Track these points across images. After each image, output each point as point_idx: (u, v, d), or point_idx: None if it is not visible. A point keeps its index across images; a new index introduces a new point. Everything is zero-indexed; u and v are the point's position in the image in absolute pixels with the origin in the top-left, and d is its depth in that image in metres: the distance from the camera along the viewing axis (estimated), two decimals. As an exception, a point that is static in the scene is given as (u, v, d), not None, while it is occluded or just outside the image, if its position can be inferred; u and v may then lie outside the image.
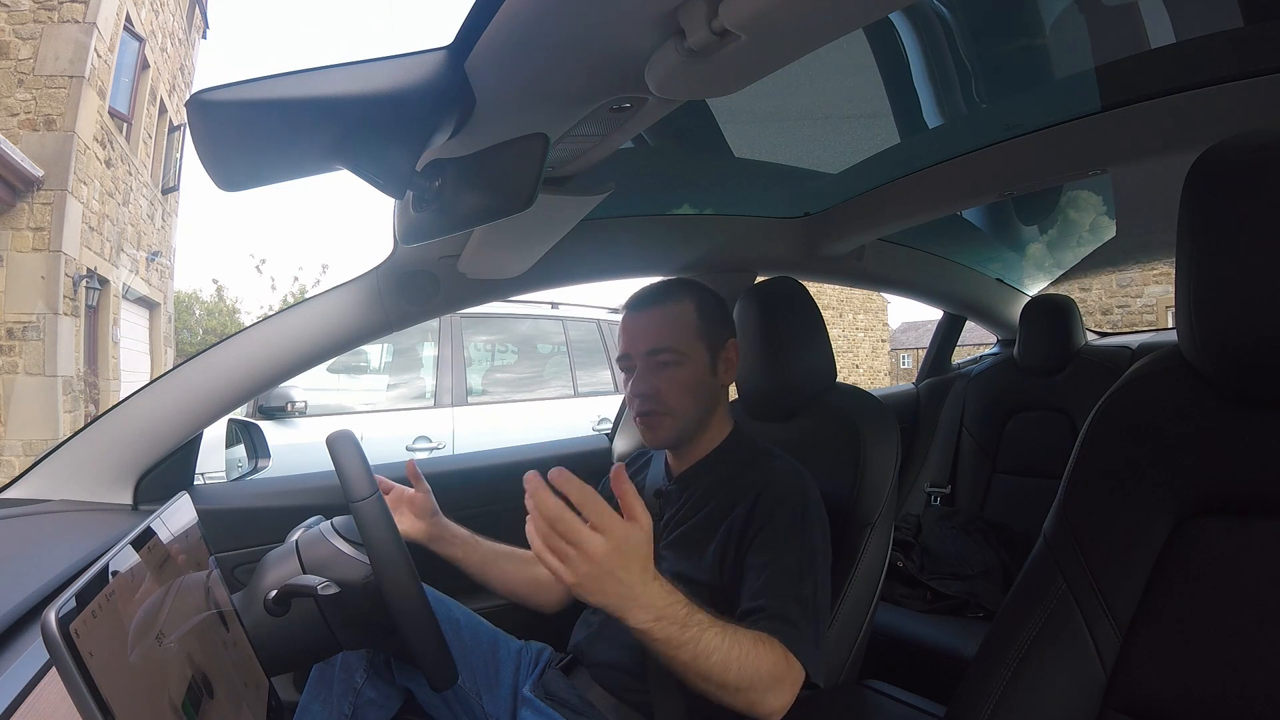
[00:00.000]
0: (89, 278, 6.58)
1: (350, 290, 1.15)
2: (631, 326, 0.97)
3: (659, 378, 0.94)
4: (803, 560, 0.84)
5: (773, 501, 0.88)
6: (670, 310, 0.96)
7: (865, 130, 1.28)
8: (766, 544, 0.85)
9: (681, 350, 0.94)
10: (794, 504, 0.88)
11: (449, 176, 0.68)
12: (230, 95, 0.52)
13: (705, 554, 0.91)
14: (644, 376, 0.95)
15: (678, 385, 0.94)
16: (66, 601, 0.43)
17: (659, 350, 0.94)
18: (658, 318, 0.96)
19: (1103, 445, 0.65)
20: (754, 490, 0.90)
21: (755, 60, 0.58)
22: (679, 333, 0.95)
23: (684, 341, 0.95)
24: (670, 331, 0.95)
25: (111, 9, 6.72)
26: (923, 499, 2.06)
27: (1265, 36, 0.91)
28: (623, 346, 0.98)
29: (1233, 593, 0.56)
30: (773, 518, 0.87)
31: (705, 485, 0.97)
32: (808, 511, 0.88)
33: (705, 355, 0.96)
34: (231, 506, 1.19)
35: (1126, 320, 11.34)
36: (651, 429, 0.96)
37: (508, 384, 3.84)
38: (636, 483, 1.09)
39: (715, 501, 0.94)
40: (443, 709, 1.00)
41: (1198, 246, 0.57)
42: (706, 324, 0.97)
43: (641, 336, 0.96)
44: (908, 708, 0.90)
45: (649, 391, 0.94)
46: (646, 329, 0.96)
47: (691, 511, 0.96)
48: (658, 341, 0.94)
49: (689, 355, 0.95)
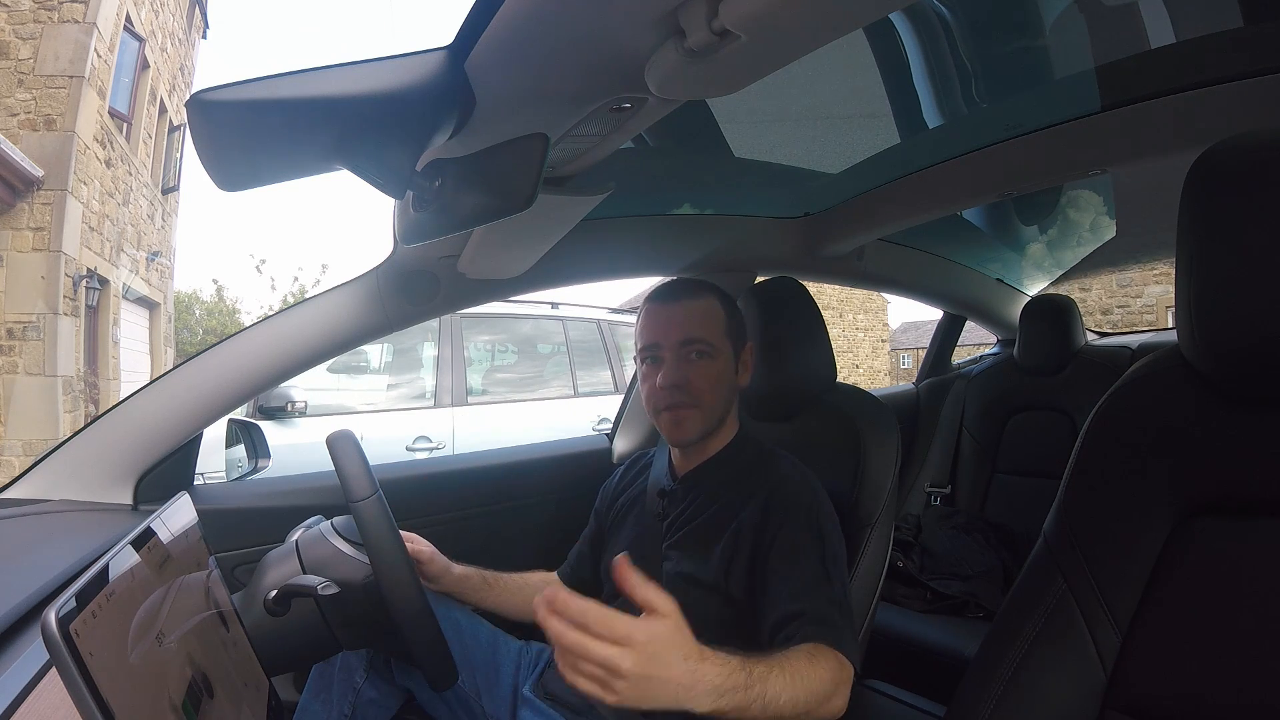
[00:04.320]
0: (89, 278, 6.58)
1: (350, 290, 1.15)
2: (663, 317, 0.95)
3: (691, 368, 0.93)
4: (827, 562, 0.83)
5: (785, 506, 0.87)
6: (702, 304, 0.95)
7: (865, 130, 1.28)
8: (788, 549, 0.84)
9: (714, 343, 0.94)
10: (808, 506, 0.87)
11: (449, 176, 0.68)
12: (230, 95, 0.52)
13: (712, 555, 0.90)
14: (675, 367, 0.93)
15: (709, 378, 0.93)
16: (66, 601, 0.43)
17: (693, 340, 0.93)
18: (691, 310, 0.95)
19: (1103, 445, 0.65)
20: (762, 493, 0.89)
21: (755, 60, 0.58)
22: (712, 326, 0.94)
23: (716, 335, 0.94)
24: (704, 324, 0.94)
25: (111, 9, 6.71)
26: (923, 499, 2.06)
27: (1265, 36, 0.91)
28: (650, 337, 0.96)
29: (1233, 593, 0.56)
30: (788, 522, 0.86)
31: (711, 485, 0.97)
32: (822, 513, 0.88)
33: (731, 353, 0.96)
34: (231, 506, 1.19)
35: (1126, 320, 11.34)
36: (679, 423, 0.94)
37: (508, 384, 3.84)
38: (639, 483, 1.09)
39: (721, 503, 0.93)
40: (443, 709, 1.00)
41: (1198, 246, 0.57)
42: (732, 324, 0.97)
43: (676, 326, 0.94)
44: (908, 708, 0.91)
45: (680, 382, 0.92)
46: (681, 319, 0.94)
47: (697, 512, 0.96)
48: (692, 332, 0.93)
49: (720, 350, 0.94)
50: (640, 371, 0.99)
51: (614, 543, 1.06)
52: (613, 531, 1.08)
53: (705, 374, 0.93)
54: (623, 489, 1.11)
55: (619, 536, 1.06)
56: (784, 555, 0.84)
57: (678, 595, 0.92)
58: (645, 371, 0.97)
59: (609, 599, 1.03)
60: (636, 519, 1.04)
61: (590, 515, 1.16)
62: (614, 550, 1.05)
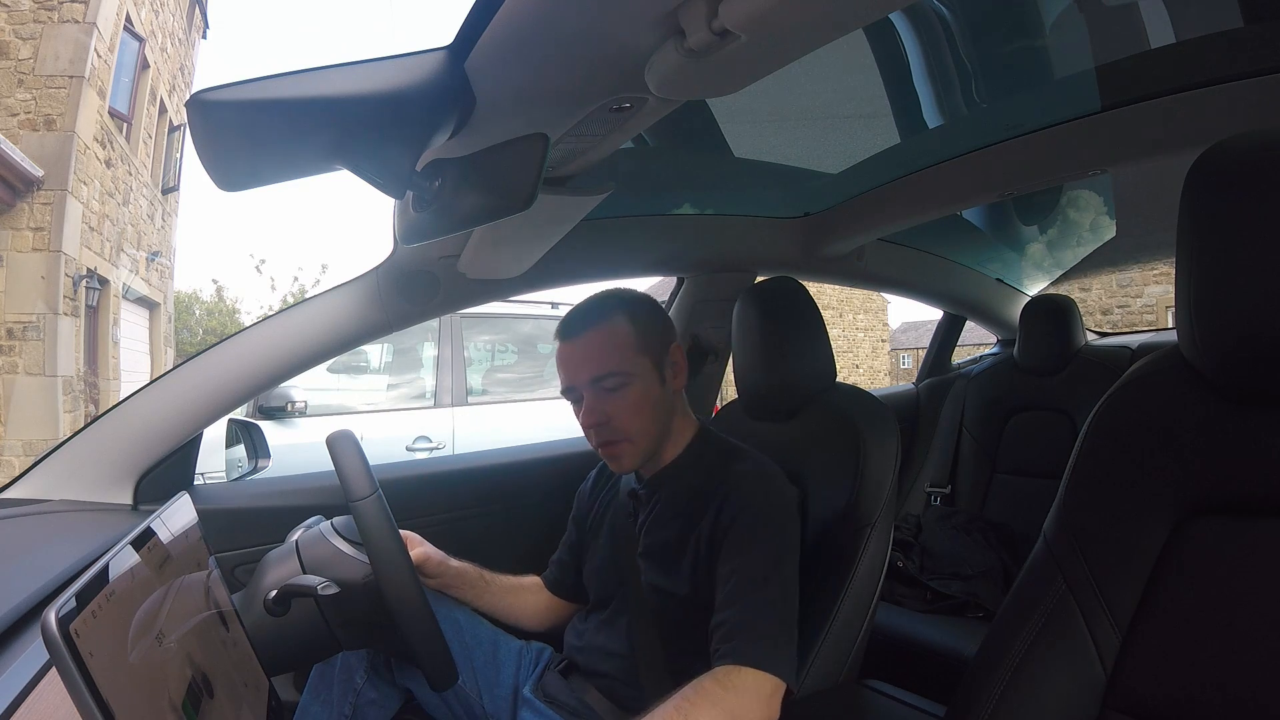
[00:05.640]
0: (89, 278, 6.58)
1: (350, 290, 1.15)
2: (569, 356, 0.93)
3: (609, 404, 0.91)
4: (768, 563, 0.82)
5: (737, 507, 0.86)
6: (604, 331, 0.92)
7: (865, 130, 1.28)
8: (731, 551, 0.84)
9: (626, 371, 0.90)
10: (758, 507, 0.86)
11: (449, 176, 0.68)
12: (230, 95, 0.52)
13: (680, 567, 0.90)
14: (593, 407, 0.91)
15: (629, 408, 0.91)
16: (66, 601, 0.43)
17: (602, 376, 0.90)
18: (592, 342, 0.92)
19: (1103, 445, 0.65)
20: (719, 497, 0.88)
21: (755, 60, 0.58)
22: (619, 353, 0.91)
23: (626, 361, 0.91)
24: (609, 354, 0.91)
25: (111, 9, 6.71)
26: (923, 499, 2.06)
27: (1265, 36, 0.91)
28: (565, 379, 0.94)
29: (1233, 592, 0.56)
30: (735, 524, 0.85)
31: (675, 490, 0.96)
32: (771, 513, 0.86)
33: (651, 368, 0.93)
34: (231, 506, 1.19)
35: (1126, 320, 11.34)
36: (615, 459, 0.94)
37: (508, 384, 3.84)
38: (610, 486, 1.10)
39: (685, 515, 0.92)
40: (443, 709, 1.00)
41: (1198, 246, 0.57)
42: (644, 336, 0.93)
43: (582, 365, 0.92)
44: (908, 708, 0.90)
45: (602, 420, 0.91)
46: (585, 356, 0.92)
47: (663, 518, 0.95)
48: (599, 368, 0.90)
49: (634, 374, 0.91)
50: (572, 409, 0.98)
51: (593, 549, 1.06)
52: (591, 536, 1.08)
53: (623, 406, 0.91)
54: (597, 494, 1.11)
55: (597, 543, 1.06)
56: (726, 558, 0.83)
57: (653, 607, 0.94)
58: (573, 410, 0.96)
59: (594, 608, 1.03)
60: (611, 525, 1.04)
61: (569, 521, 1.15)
62: (596, 557, 1.05)
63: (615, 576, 0.99)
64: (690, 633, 0.85)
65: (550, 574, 1.14)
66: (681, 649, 0.88)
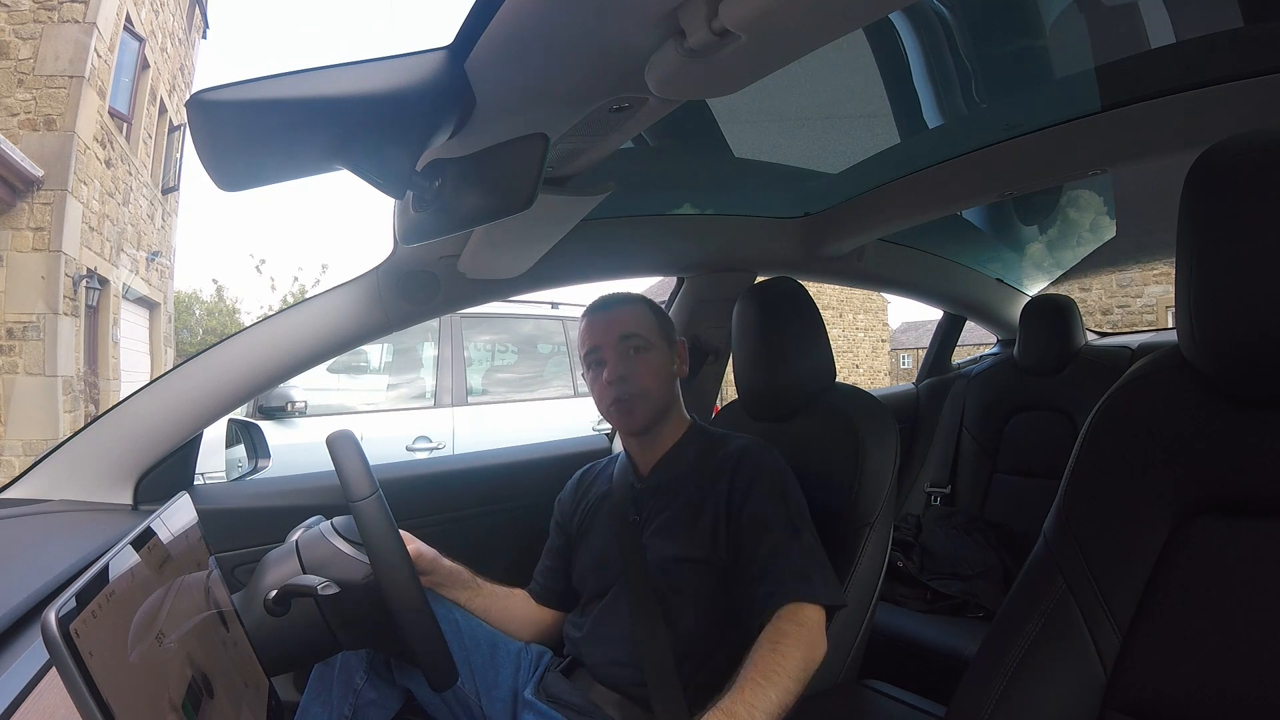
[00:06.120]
0: (89, 278, 6.58)
1: (350, 290, 1.15)
2: (599, 322, 1.05)
3: (631, 363, 1.02)
4: (793, 519, 0.92)
5: (750, 472, 0.96)
6: (633, 309, 1.06)
7: (865, 130, 1.28)
8: (758, 510, 0.93)
9: (649, 338, 1.04)
10: (770, 473, 0.96)
11: (449, 176, 0.68)
12: (230, 95, 0.52)
13: (696, 531, 0.96)
14: (618, 362, 1.02)
15: (649, 368, 1.02)
16: (66, 601, 0.43)
17: (629, 335, 1.02)
18: (624, 313, 1.05)
19: (1103, 445, 0.65)
20: (729, 465, 0.98)
21: (755, 60, 0.58)
22: (645, 324, 1.05)
23: (650, 332, 1.04)
24: (637, 322, 1.04)
25: (111, 9, 6.71)
26: (923, 499, 2.06)
27: (1265, 36, 0.91)
28: (591, 341, 1.04)
29: (1233, 593, 0.56)
30: (753, 491, 0.94)
31: (678, 473, 1.03)
32: (783, 473, 0.97)
33: (666, 348, 1.06)
34: (231, 506, 1.19)
35: (1126, 320, 11.34)
36: (628, 412, 1.02)
37: (508, 384, 3.84)
38: (597, 490, 1.11)
39: (693, 484, 0.99)
40: (442, 709, 1.00)
41: (1198, 246, 0.57)
42: (661, 324, 1.07)
43: (613, 326, 1.03)
44: (908, 707, 0.90)
45: (624, 374, 1.01)
46: (616, 320, 1.04)
47: (670, 499, 1.00)
48: (628, 328, 1.03)
49: (655, 344, 1.04)
50: (587, 378, 1.07)
51: (587, 548, 1.07)
52: (581, 538, 1.09)
53: (645, 366, 1.02)
54: (580, 498, 1.13)
55: (590, 541, 1.07)
56: (755, 524, 0.92)
57: (668, 578, 0.95)
58: (591, 376, 1.06)
59: (588, 603, 1.04)
60: (605, 522, 1.06)
61: (550, 529, 1.16)
62: (589, 554, 1.06)
63: (616, 564, 1.01)
64: (704, 596, 0.95)
65: (536, 585, 1.14)
66: (697, 614, 0.95)
